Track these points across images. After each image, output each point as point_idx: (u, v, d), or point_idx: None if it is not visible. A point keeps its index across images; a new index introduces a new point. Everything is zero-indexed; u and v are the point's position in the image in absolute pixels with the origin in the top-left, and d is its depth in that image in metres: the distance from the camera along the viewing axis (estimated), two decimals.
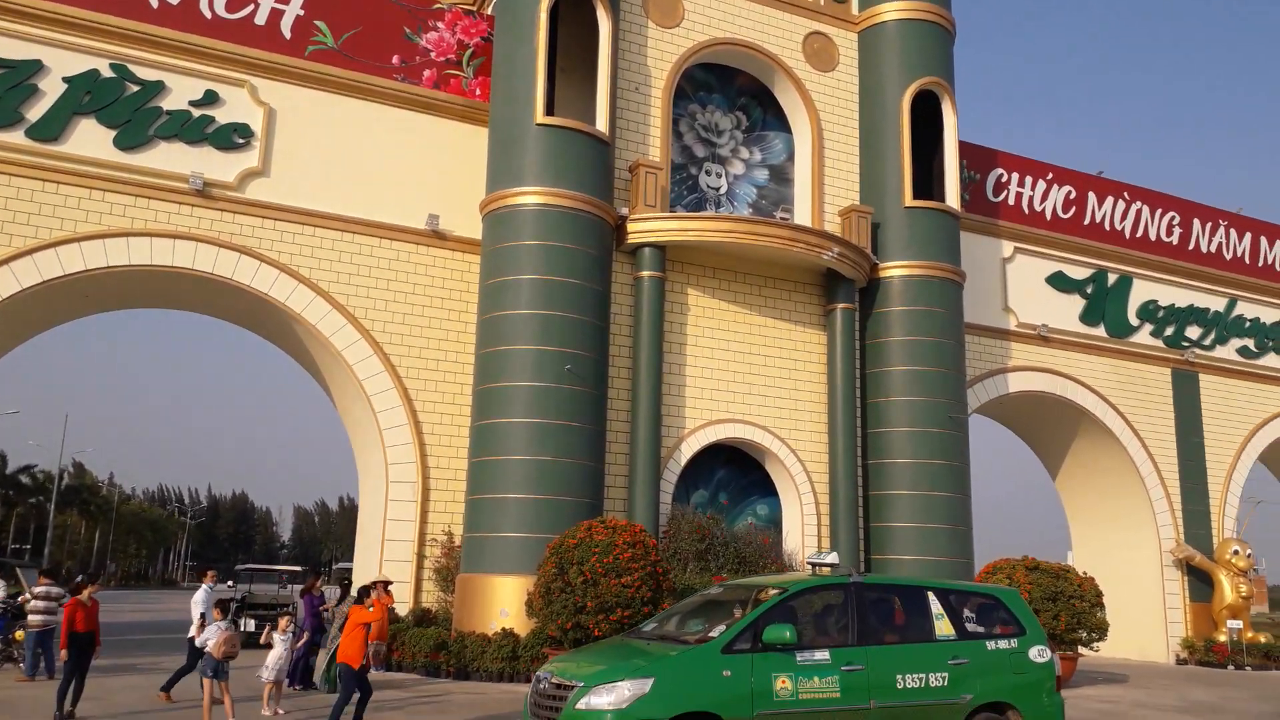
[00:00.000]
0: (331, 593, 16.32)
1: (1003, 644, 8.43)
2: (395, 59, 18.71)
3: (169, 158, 16.73)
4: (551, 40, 18.14)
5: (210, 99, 17.17)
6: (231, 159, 17.18)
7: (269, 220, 17.32)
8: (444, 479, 17.54)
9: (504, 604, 15.31)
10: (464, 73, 19.34)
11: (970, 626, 8.52)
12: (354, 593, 14.33)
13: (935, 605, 8.40)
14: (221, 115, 17.19)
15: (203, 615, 11.58)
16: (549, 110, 17.67)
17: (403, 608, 16.61)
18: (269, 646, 11.62)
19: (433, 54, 19.09)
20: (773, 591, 8.06)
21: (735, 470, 20.11)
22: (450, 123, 19.02)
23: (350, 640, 9.85)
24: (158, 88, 16.85)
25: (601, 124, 17.75)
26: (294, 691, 12.91)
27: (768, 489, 20.16)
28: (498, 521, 15.81)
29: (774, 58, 20.77)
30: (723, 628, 7.70)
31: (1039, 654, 8.53)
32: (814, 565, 8.88)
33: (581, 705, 7.03)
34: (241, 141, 17.28)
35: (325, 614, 13.78)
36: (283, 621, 11.26)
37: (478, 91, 19.25)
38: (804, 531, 19.32)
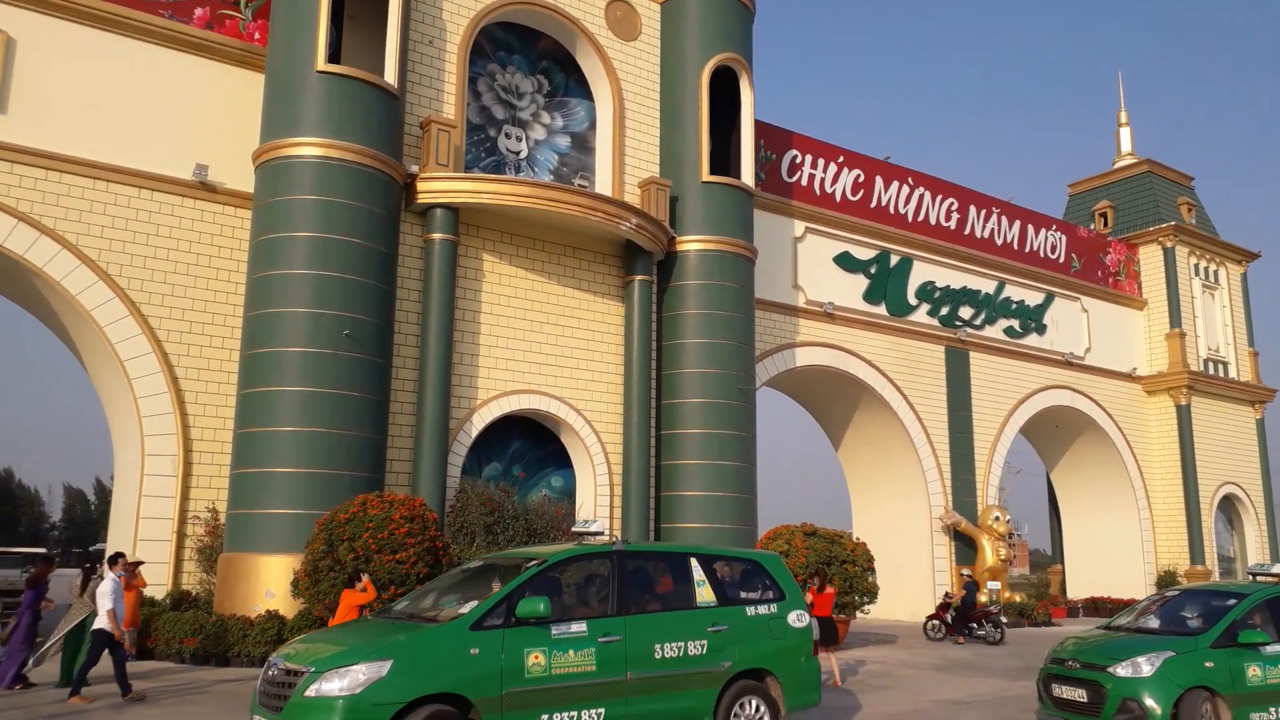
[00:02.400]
0: (72, 578, 14.73)
1: (762, 609, 8.43)
2: None
3: None
4: None
5: None
6: None
7: (6, 163, 15.45)
8: (209, 451, 16.25)
9: (270, 585, 14.32)
10: (241, 14, 17.86)
11: (731, 593, 8.48)
12: (105, 575, 13.02)
13: (698, 572, 8.29)
14: None
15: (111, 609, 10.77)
16: (333, 58, 16.58)
17: (159, 590, 15.33)
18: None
19: None
20: (533, 563, 7.73)
21: (531, 442, 19.76)
22: (224, 67, 17.54)
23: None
24: None
25: (390, 76, 16.80)
26: (11, 693, 11.49)
27: (564, 461, 19.93)
28: (265, 497, 14.76)
29: (576, 22, 20.34)
30: (475, 603, 7.30)
31: (797, 619, 8.61)
32: (580, 534, 8.64)
33: (311, 692, 6.45)
34: None
35: (47, 609, 12.30)
36: None
37: (257, 35, 17.83)
38: (596, 502, 19.25)
